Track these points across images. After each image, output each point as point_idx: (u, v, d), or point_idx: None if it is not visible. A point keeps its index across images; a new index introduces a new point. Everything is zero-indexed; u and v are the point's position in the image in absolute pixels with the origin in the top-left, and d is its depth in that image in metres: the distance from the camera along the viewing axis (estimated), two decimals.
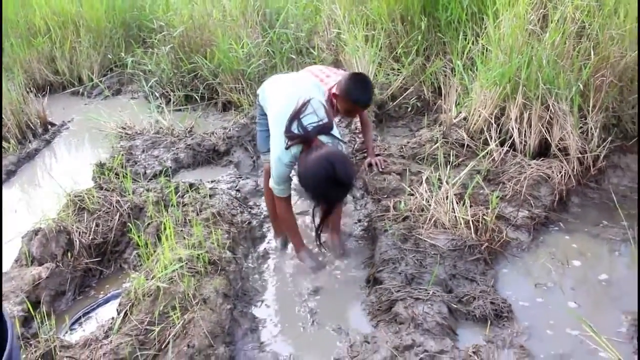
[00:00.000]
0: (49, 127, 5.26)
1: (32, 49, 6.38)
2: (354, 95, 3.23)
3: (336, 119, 3.35)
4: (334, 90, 3.31)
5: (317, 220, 2.81)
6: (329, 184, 2.52)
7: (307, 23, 5.75)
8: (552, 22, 3.65)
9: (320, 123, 2.69)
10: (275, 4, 5.94)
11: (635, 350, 2.29)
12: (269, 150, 2.87)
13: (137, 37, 6.85)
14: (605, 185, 3.61)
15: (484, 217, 3.00)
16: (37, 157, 4.71)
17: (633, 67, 3.69)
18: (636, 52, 3.53)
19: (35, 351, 2.21)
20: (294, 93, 2.80)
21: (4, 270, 2.87)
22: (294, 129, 2.65)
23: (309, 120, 2.69)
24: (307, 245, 3.10)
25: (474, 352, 2.28)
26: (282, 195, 2.90)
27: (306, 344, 2.50)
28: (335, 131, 2.79)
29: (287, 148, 2.68)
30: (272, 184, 2.87)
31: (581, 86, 3.57)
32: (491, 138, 3.78)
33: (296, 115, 2.67)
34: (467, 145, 3.88)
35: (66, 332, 2.58)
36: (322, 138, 2.69)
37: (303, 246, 3.07)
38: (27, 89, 5.20)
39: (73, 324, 2.65)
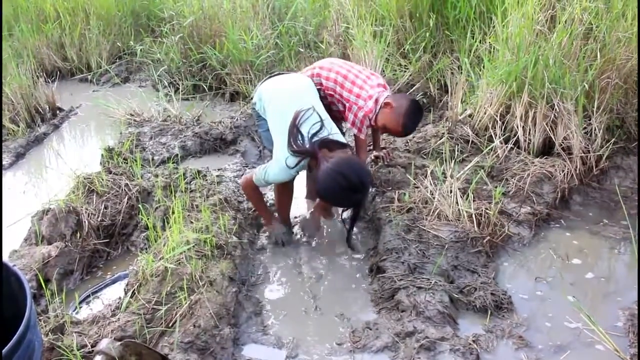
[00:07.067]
0: (58, 112, 5.29)
1: (41, 35, 6.39)
2: (406, 122, 3.11)
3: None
4: (387, 99, 3.12)
5: (348, 222, 3.01)
6: (346, 194, 2.64)
7: (316, 17, 5.78)
8: (559, 23, 3.68)
9: (322, 135, 2.77)
10: None
11: (631, 343, 2.34)
12: None
13: (146, 26, 6.87)
14: (607, 185, 3.65)
15: (487, 211, 3.04)
16: (45, 141, 4.75)
17: None
18: None
19: (45, 326, 2.25)
20: (293, 104, 2.90)
21: (14, 248, 2.92)
22: (299, 142, 2.74)
23: (306, 128, 2.78)
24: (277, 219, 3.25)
25: (473, 341, 2.33)
26: (260, 187, 3.03)
27: (308, 329, 2.54)
28: (335, 130, 2.87)
29: (294, 166, 2.77)
30: (260, 178, 2.90)
31: (586, 87, 3.60)
32: (496, 135, 3.82)
33: (294, 129, 2.76)
34: (472, 141, 3.92)
35: (74, 310, 2.62)
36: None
37: (274, 219, 3.21)
38: (37, 74, 5.22)
39: (80, 302, 2.69)
